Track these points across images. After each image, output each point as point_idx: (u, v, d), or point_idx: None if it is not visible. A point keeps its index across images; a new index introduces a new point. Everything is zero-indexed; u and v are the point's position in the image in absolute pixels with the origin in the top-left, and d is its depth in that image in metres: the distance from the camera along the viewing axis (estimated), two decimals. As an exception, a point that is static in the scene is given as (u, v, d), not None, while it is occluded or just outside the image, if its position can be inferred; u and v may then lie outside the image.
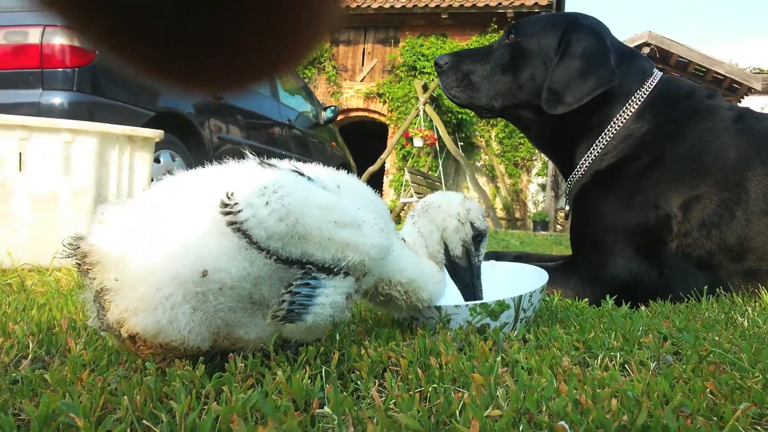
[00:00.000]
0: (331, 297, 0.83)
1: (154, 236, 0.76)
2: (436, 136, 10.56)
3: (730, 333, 1.10)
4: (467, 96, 1.89)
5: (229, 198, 0.77)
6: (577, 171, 1.79)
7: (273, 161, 0.89)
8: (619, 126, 1.72)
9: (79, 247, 0.76)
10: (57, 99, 2.88)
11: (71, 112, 2.85)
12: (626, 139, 1.71)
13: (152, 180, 2.49)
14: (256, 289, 0.80)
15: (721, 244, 1.56)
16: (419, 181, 9.70)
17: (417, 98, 10.74)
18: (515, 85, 1.83)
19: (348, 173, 1.02)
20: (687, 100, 1.74)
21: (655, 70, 1.81)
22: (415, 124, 10.61)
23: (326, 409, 0.61)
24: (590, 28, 1.77)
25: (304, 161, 1.01)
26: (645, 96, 1.73)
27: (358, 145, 10.50)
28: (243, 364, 0.77)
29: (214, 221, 0.77)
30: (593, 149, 1.75)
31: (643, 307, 1.47)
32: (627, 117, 1.72)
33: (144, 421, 0.60)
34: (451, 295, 1.17)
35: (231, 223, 0.76)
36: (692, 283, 1.58)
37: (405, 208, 9.91)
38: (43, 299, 1.38)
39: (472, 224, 1.12)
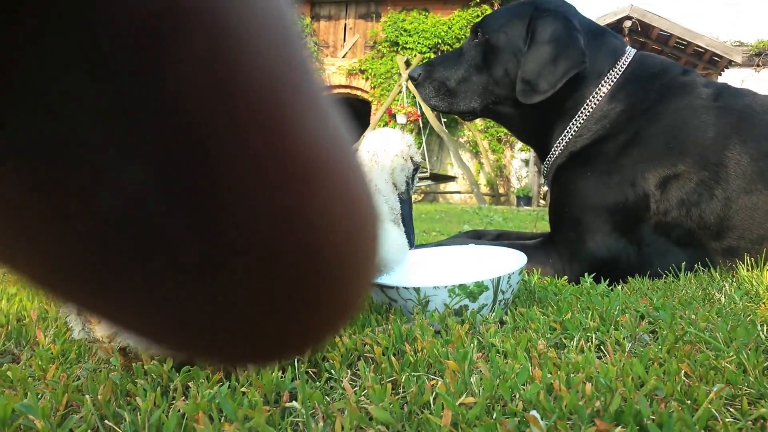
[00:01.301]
0: None
1: None
2: (419, 112, 10.50)
3: (707, 310, 1.10)
4: (447, 104, 1.89)
5: None
6: (553, 153, 1.78)
7: None
8: (592, 108, 1.71)
9: None
10: None
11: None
12: (600, 120, 1.70)
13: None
14: None
15: (700, 223, 1.56)
16: (403, 158, 9.65)
17: (399, 74, 10.65)
18: (491, 83, 1.82)
19: None
20: (661, 77, 1.72)
21: (628, 48, 1.78)
22: (398, 100, 10.54)
23: (295, 403, 0.59)
24: (555, 12, 1.74)
25: None
26: (618, 76, 1.71)
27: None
28: (213, 356, 0.75)
29: None
30: (567, 131, 1.73)
31: (620, 285, 1.47)
32: (600, 98, 1.70)
33: (106, 421, 0.59)
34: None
35: None
36: (671, 260, 1.58)
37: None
38: (14, 289, 1.36)
39: (411, 158, 1.12)
